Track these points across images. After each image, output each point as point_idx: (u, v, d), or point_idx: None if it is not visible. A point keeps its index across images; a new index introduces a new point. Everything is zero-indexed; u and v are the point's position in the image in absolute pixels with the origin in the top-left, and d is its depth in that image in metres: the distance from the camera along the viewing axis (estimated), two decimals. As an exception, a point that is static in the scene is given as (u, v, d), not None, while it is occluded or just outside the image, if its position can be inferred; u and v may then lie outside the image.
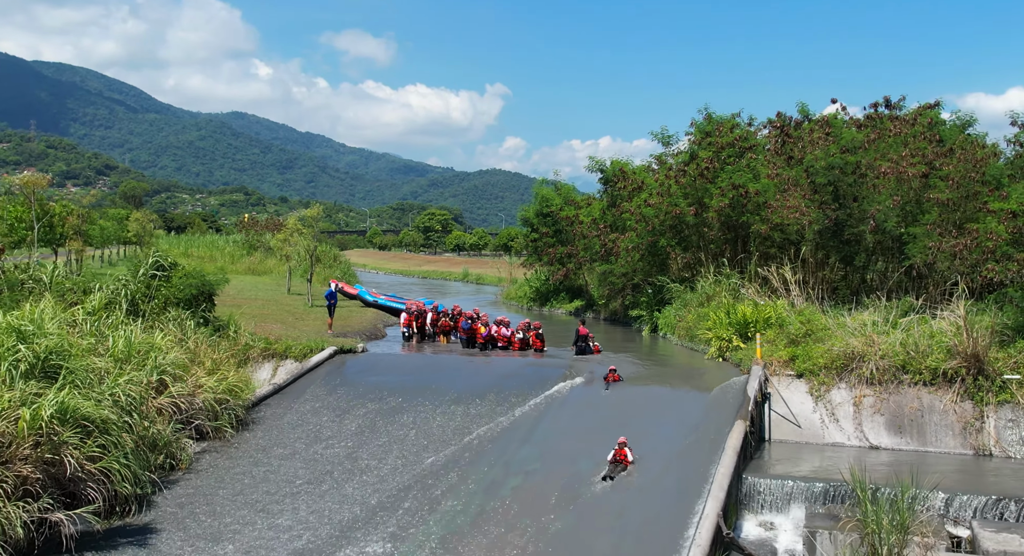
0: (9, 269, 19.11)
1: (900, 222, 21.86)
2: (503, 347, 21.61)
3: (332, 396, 18.43)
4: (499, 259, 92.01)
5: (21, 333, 13.51)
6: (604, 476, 14.22)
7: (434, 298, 40.17)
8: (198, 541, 12.71)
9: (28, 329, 13.64)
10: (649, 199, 26.91)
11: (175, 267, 21.05)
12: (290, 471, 15.28)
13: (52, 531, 12.09)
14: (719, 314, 21.07)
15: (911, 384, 16.89)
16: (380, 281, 70.21)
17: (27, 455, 12.22)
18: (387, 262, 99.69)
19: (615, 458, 14.51)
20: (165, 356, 15.93)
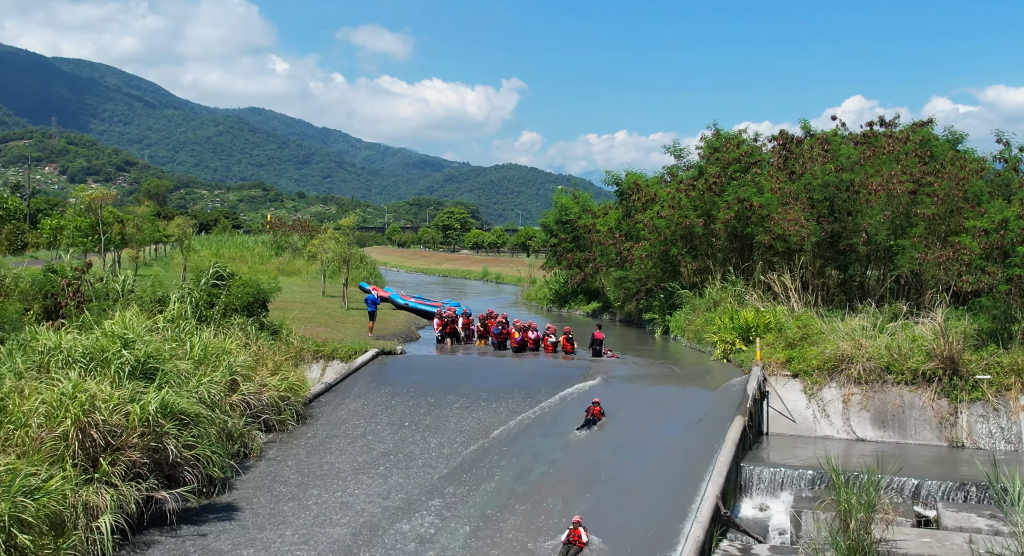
0: (96, 281, 21.50)
1: (890, 235, 23.88)
2: (533, 349, 23.80)
3: (377, 393, 20.73)
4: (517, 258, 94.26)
5: (124, 340, 15.88)
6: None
7: (459, 299, 42.50)
8: (275, 516, 15.06)
9: (129, 336, 16.01)
10: (661, 211, 29.05)
11: (232, 277, 23.38)
12: (347, 458, 17.60)
13: (157, 507, 14.47)
14: (724, 319, 23.21)
15: (894, 383, 18.97)
16: (402, 280, 72.63)
17: (135, 443, 14.57)
18: (407, 260, 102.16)
19: (568, 539, 13.45)
20: (235, 359, 18.26)
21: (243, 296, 22.51)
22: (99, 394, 14.45)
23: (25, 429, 13.79)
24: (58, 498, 12.58)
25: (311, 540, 14.32)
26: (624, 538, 14.06)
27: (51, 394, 14.32)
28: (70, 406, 14.01)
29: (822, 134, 29.45)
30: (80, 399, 14.12)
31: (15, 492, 12.07)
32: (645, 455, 16.95)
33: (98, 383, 14.80)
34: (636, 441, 17.57)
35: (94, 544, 12.94)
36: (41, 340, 16.09)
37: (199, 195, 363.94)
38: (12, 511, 11.94)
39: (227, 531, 14.62)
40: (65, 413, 14.00)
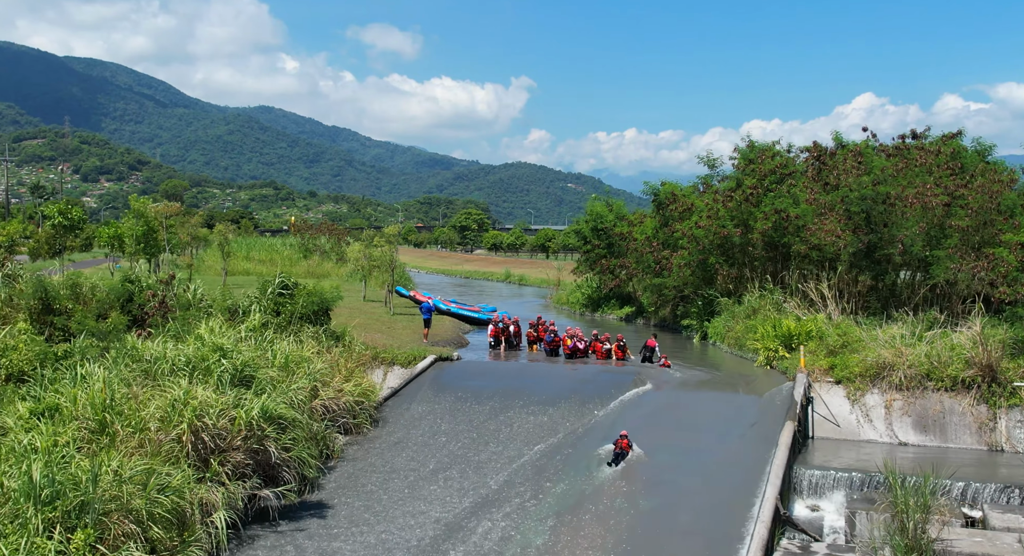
0: (180, 293, 22.71)
1: (925, 246, 24.89)
2: (583, 356, 24.90)
3: (439, 398, 21.87)
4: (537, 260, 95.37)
5: (223, 350, 17.07)
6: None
7: (488, 302, 43.60)
8: (364, 513, 16.24)
9: (227, 347, 17.20)
10: (699, 221, 30.11)
11: (296, 286, 24.55)
12: (421, 459, 18.76)
13: (259, 504, 15.66)
14: (767, 327, 24.27)
15: (934, 390, 20.00)
16: (425, 281, 73.80)
17: (239, 446, 15.78)
18: (425, 260, 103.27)
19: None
20: (313, 366, 19.43)
21: (308, 305, 23.67)
22: (206, 400, 15.64)
23: (144, 432, 14.98)
24: (182, 495, 13.79)
25: (399, 536, 15.49)
26: (691, 536, 15.15)
27: (164, 400, 15.52)
28: (184, 411, 15.21)
29: (854, 146, 30.42)
30: (192, 405, 15.31)
31: (150, 490, 13.28)
32: (703, 458, 18.04)
33: (203, 390, 15.98)
34: (693, 445, 18.65)
35: (209, 537, 14.14)
36: (147, 350, 17.27)
37: (211, 194, 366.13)
38: (148, 507, 13.16)
39: (322, 527, 15.81)
40: (179, 418, 15.20)
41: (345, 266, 58.44)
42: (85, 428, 14.89)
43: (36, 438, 13.79)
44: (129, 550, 12.57)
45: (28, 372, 17.08)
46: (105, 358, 17.59)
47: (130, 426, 15.05)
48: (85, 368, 17.00)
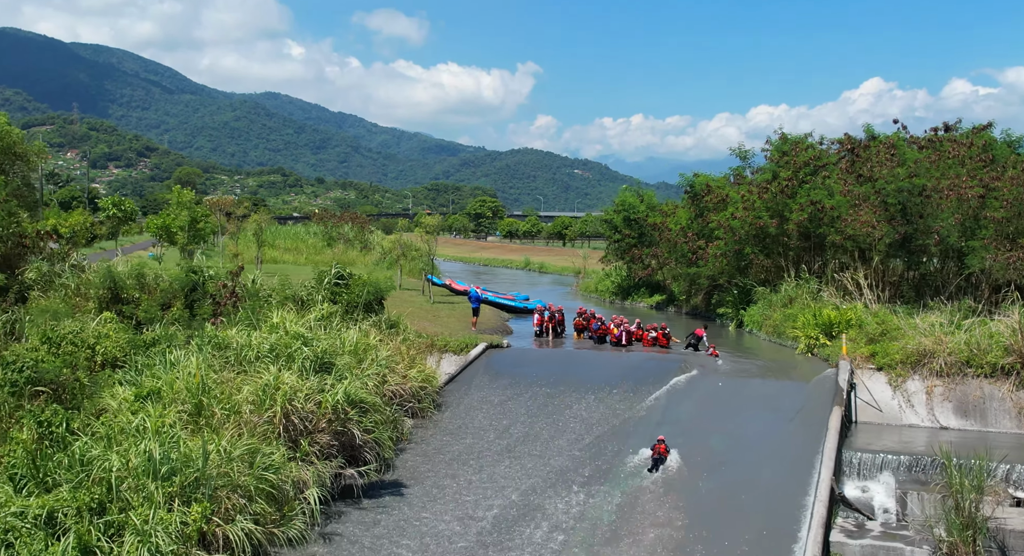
0: (248, 283, 23.61)
1: (961, 236, 25.65)
2: (628, 344, 25.77)
3: (495, 384, 22.77)
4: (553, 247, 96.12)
5: (304, 338, 17.98)
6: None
7: (517, 289, 44.45)
8: (439, 491, 17.19)
9: (308, 335, 18.11)
10: (736, 212, 30.90)
11: (352, 277, 25.43)
12: (486, 441, 19.70)
13: (343, 483, 16.61)
14: (807, 316, 25.10)
15: (974, 376, 20.82)
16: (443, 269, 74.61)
17: (324, 428, 16.72)
18: (440, 248, 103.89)
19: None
20: (380, 353, 20.33)
21: (364, 294, 24.56)
22: (294, 385, 16.57)
23: (239, 415, 15.92)
24: (281, 473, 14.74)
25: (475, 512, 16.43)
26: (753, 515, 16.04)
27: (255, 385, 16.45)
28: (275, 395, 16.14)
29: (886, 138, 31.11)
30: (283, 389, 16.24)
31: (257, 467, 14.23)
32: (756, 442, 18.92)
33: (289, 375, 16.90)
34: (744, 429, 19.52)
35: (302, 513, 15.11)
36: (229, 338, 18.20)
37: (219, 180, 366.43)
38: (254, 483, 14.12)
39: (402, 503, 16.78)
40: (271, 401, 16.13)
41: (370, 254, 59.35)
42: (183, 411, 15.83)
43: (145, 420, 14.72)
44: (240, 522, 13.55)
45: (120, 358, 18.01)
46: (189, 346, 18.51)
47: (225, 409, 15.98)
48: (173, 355, 17.94)
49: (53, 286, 24.65)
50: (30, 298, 23.90)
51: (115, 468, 13.42)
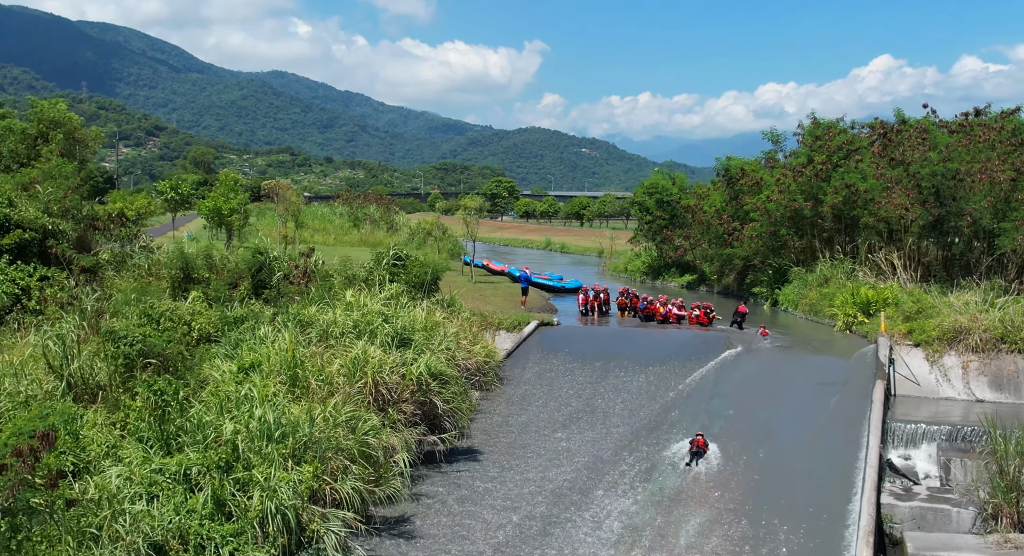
0: (320, 266, 24.83)
1: (993, 218, 26.69)
2: (674, 322, 26.97)
3: (550, 359, 24.02)
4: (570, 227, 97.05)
5: (384, 315, 19.23)
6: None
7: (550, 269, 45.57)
8: (511, 457, 18.53)
9: (388, 313, 19.35)
10: (771, 195, 31.96)
11: (408, 258, 26.62)
12: (548, 413, 20.99)
13: (426, 448, 17.92)
14: (845, 295, 26.24)
15: (1008, 351, 21.96)
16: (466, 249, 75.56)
17: (408, 398, 18.00)
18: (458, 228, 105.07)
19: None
20: (447, 329, 21.56)
21: (421, 274, 25.77)
22: (381, 358, 17.83)
23: (332, 386, 17.21)
24: (377, 437, 16.04)
25: (547, 476, 17.75)
26: (810, 478, 17.29)
27: (346, 358, 17.73)
28: (366, 368, 17.41)
29: (916, 122, 32.06)
30: (372, 362, 17.51)
31: (359, 432, 15.53)
32: (804, 413, 20.15)
33: (374, 350, 18.17)
34: (792, 401, 20.74)
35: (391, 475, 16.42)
36: (311, 315, 19.46)
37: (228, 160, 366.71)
38: (356, 447, 15.42)
39: (480, 468, 18.13)
40: (361, 373, 17.41)
41: (397, 235, 60.45)
42: (280, 382, 17.11)
43: (252, 389, 15.99)
44: (349, 480, 14.86)
45: (213, 334, 19.29)
46: (275, 322, 19.77)
47: (320, 380, 17.26)
48: (261, 331, 19.22)
49: (126, 266, 25.88)
50: (104, 278, 25.17)
51: (231, 432, 14.72)
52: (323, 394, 17.04)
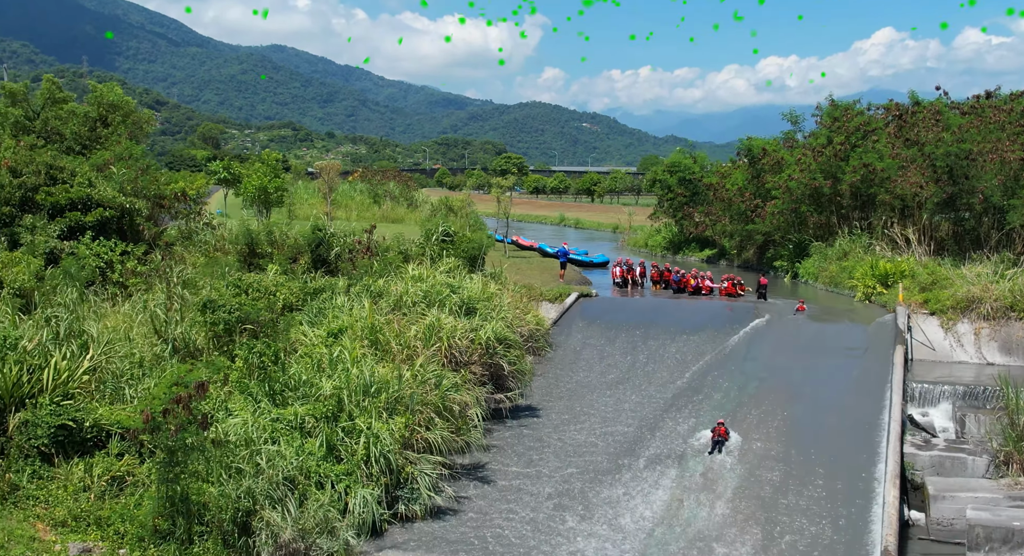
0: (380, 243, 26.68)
1: (1003, 196, 28.51)
2: (706, 293, 28.90)
3: (592, 328, 25.95)
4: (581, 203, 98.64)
5: (452, 286, 21.12)
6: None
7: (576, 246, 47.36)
8: (570, 414, 20.52)
9: (454, 284, 21.24)
10: (793, 174, 33.76)
11: (456, 234, 28.45)
12: (597, 374, 22.97)
13: (493, 406, 19.90)
14: (864, 267, 28.14)
15: (1017, 319, 23.87)
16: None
17: (476, 360, 19.94)
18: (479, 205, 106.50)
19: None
20: (502, 300, 23.46)
21: (469, 249, 27.62)
22: (452, 325, 19.76)
23: (410, 349, 19.14)
24: (458, 394, 18.01)
25: (605, 429, 19.78)
26: (840, 432, 19.25)
27: (421, 325, 19.65)
28: (440, 333, 19.35)
29: (930, 104, 33.77)
30: (446, 328, 19.44)
31: (443, 389, 17.50)
32: (831, 375, 22.11)
33: (445, 317, 20.09)
34: (821, 364, 22.69)
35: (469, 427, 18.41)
36: (389, 287, 21.36)
37: (230, 135, 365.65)
38: (440, 401, 17.39)
39: (541, 423, 20.16)
40: (436, 338, 19.35)
41: (417, 211, 62.11)
42: (363, 346, 19.03)
43: (343, 351, 17.93)
44: (437, 430, 16.85)
45: (295, 303, 21.19)
46: (349, 293, 21.68)
47: (399, 344, 19.19)
48: (338, 300, 21.13)
49: (192, 242, 27.71)
50: (173, 253, 27.02)
51: (330, 389, 16.67)
52: (402, 357, 18.97)
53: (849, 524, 15.62)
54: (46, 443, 14.56)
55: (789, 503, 16.29)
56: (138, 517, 13.93)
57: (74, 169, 26.15)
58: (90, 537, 13.84)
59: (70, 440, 14.83)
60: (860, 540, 15.18)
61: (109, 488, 14.45)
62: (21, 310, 19.90)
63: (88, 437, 14.96)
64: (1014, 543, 14.99)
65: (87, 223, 25.11)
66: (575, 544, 14.89)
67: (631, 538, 15.11)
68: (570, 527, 15.56)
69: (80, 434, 14.88)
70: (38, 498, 14.23)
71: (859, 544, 15.04)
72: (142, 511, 13.95)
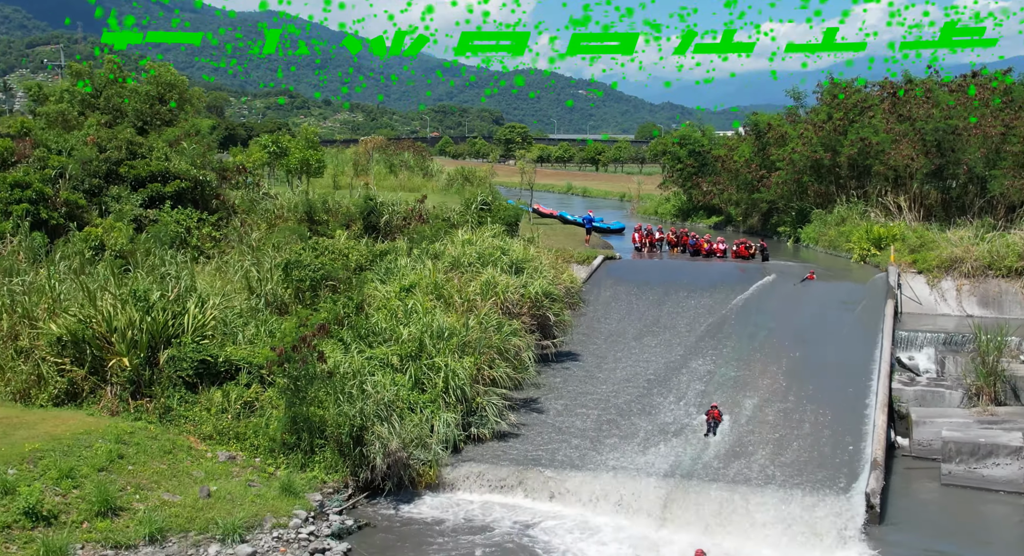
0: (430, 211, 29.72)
1: (985, 167, 31.63)
2: (720, 256, 32.12)
3: (618, 286, 29.14)
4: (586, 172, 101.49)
5: (502, 249, 24.25)
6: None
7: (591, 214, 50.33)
8: (606, 357, 23.88)
9: (504, 246, 24.37)
10: (796, 147, 36.83)
11: (493, 202, 31.48)
12: (625, 325, 26.20)
13: (541, 352, 23.13)
14: (860, 232, 31.35)
15: (994, 277, 27.09)
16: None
17: (526, 312, 23.12)
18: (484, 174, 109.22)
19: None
20: (542, 261, 26.55)
21: (506, 217, 30.67)
22: (505, 281, 22.92)
23: (470, 302, 22.31)
24: (516, 338, 21.24)
25: (636, 370, 23.05)
26: (839, 368, 22.53)
27: (479, 282, 22.81)
28: (495, 288, 22.52)
29: (920, 81, 36.75)
30: (500, 284, 22.61)
31: (504, 334, 20.71)
32: (835, 325, 25.37)
33: (499, 275, 23.24)
34: (821, 315, 25.95)
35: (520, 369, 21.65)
36: (448, 250, 24.48)
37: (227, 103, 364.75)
38: (501, 344, 20.60)
39: (581, 366, 23.47)
40: (492, 292, 22.51)
41: (433, 181, 64.83)
42: (430, 299, 22.18)
43: (416, 304, 21.08)
44: (500, 367, 20.09)
45: (364, 264, 24.29)
46: (411, 255, 24.80)
47: (461, 297, 22.36)
48: (401, 261, 24.25)
49: (255, 210, 30.69)
50: (232, 220, 30.01)
51: (408, 335, 19.84)
52: (463, 309, 22.13)
53: (845, 443, 18.94)
54: (190, 374, 17.76)
55: (795, 427, 19.62)
56: (269, 432, 17.20)
57: (151, 144, 29.03)
58: (232, 448, 17.13)
59: (207, 372, 18.01)
60: (854, 455, 18.49)
61: (242, 410, 17.69)
62: (123, 269, 22.96)
63: (221, 370, 18.14)
64: (979, 455, 18.39)
65: (166, 193, 28.08)
66: (618, 460, 18.18)
67: (665, 455, 18.39)
68: (613, 444, 18.89)
69: (215, 367, 18.05)
70: (187, 417, 17.49)
71: (853, 458, 18.36)
72: (272, 428, 17.21)
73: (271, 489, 15.94)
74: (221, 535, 14.35)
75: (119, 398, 17.55)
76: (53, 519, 13.61)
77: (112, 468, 15.17)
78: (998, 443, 18.42)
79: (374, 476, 16.94)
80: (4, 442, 15.15)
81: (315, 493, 16.26)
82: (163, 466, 15.84)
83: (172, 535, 14.13)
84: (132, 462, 15.60)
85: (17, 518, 13.31)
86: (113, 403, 17.46)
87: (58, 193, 26.33)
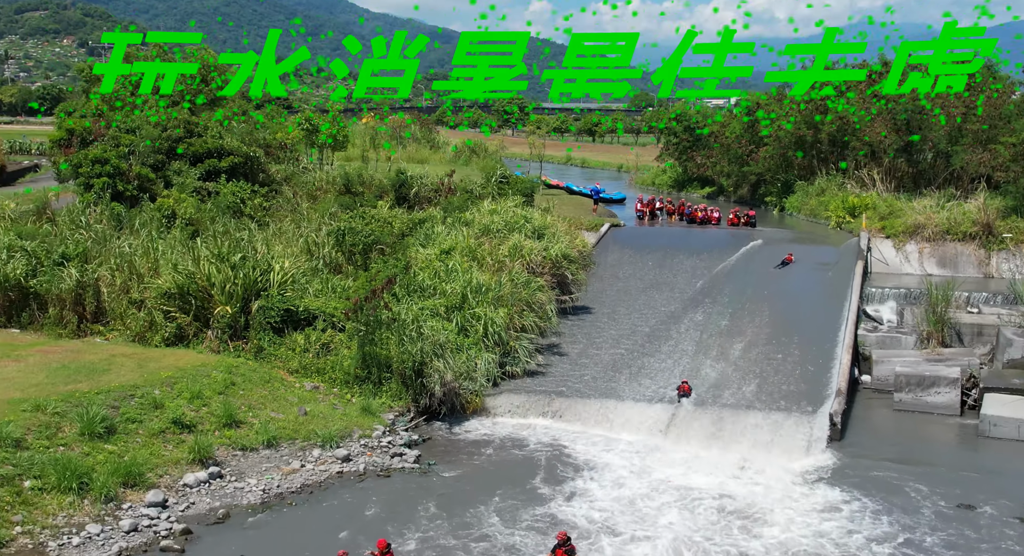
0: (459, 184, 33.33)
1: (948, 143, 35.40)
2: (714, 224, 35.92)
3: (624, 250, 32.95)
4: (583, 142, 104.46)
5: (526, 217, 28.01)
6: None
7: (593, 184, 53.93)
8: (615, 309, 27.77)
9: (527, 215, 28.11)
10: (782, 124, 40.47)
11: (510, 176, 35.11)
12: (632, 283, 30.11)
13: (561, 305, 26.99)
14: (837, 202, 35.20)
15: (951, 240, 31.00)
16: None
17: (545, 272, 26.93)
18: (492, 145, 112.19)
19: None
20: (559, 228, 30.27)
21: (523, 189, 34.34)
22: (529, 246, 26.71)
23: (500, 262, 26.10)
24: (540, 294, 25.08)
25: (642, 321, 26.97)
26: (814, 317, 26.43)
27: (507, 246, 26.60)
28: (522, 251, 26.31)
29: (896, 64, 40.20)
30: (526, 248, 26.40)
31: (531, 289, 24.56)
32: (812, 283, 29.29)
33: (524, 240, 27.01)
34: (802, 276, 29.82)
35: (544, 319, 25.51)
36: (477, 218, 28.19)
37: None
38: (528, 297, 24.45)
39: (595, 317, 27.37)
40: (519, 255, 26.31)
41: (439, 152, 68.08)
42: (466, 260, 25.93)
43: (456, 264, 24.84)
44: (529, 317, 23.96)
45: (405, 231, 27.99)
46: (446, 223, 28.51)
47: (492, 259, 26.14)
48: (438, 228, 27.98)
49: (297, 182, 34.24)
50: (281, 191, 33.58)
51: (450, 289, 23.63)
52: (495, 268, 25.90)
53: (816, 377, 22.92)
54: (277, 320, 21.55)
55: (775, 363, 23.59)
56: (344, 367, 21.06)
57: (207, 124, 32.50)
58: (315, 379, 21.01)
59: (290, 319, 21.80)
60: (823, 386, 22.48)
61: (320, 350, 21.51)
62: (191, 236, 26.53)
63: (301, 317, 21.93)
64: (924, 385, 22.46)
65: (222, 168, 31.60)
66: (629, 390, 22.14)
67: (669, 387, 22.33)
68: (624, 378, 22.85)
69: (296, 315, 21.84)
70: (276, 356, 21.32)
71: (822, 388, 22.34)
72: (347, 364, 21.06)
73: (353, 410, 19.86)
74: (321, 442, 18.29)
75: (220, 340, 21.36)
76: (193, 428, 17.48)
77: (228, 392, 19.04)
78: (939, 375, 22.48)
79: (431, 402, 20.86)
80: (143, 371, 18.98)
81: (387, 413, 20.19)
82: (265, 392, 19.72)
83: (283, 442, 18.06)
84: (241, 388, 19.47)
85: (168, 425, 17.20)
86: (215, 344, 21.28)
87: (131, 168, 29.82)
